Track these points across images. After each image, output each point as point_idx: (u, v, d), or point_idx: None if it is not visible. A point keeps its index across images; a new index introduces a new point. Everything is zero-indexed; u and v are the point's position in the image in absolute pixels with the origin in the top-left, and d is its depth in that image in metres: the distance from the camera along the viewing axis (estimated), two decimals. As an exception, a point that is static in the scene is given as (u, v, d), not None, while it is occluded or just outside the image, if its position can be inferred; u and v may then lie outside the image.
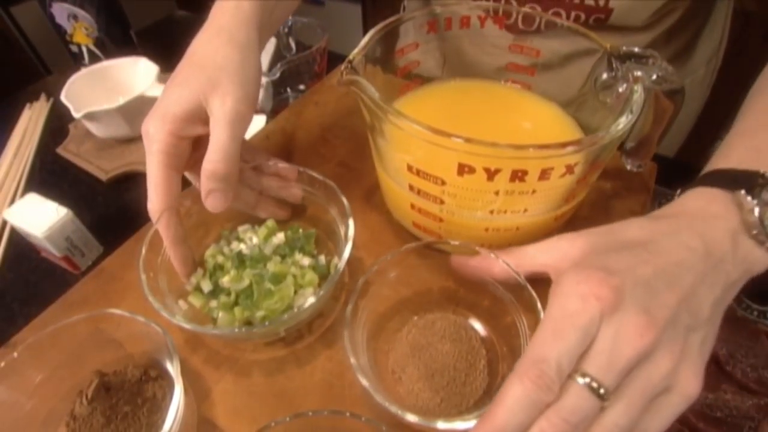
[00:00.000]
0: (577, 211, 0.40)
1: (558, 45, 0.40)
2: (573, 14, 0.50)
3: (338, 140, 0.49)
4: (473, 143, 0.27)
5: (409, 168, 0.32)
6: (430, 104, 0.42)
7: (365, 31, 0.36)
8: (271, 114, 0.62)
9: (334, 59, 0.34)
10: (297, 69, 0.62)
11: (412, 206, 0.35)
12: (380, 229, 0.41)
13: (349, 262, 0.33)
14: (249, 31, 0.35)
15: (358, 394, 0.32)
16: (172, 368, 0.28)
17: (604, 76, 0.38)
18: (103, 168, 0.58)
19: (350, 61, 0.33)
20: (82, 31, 0.64)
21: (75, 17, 0.63)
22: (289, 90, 0.65)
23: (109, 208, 0.56)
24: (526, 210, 0.32)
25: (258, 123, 0.61)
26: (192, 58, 0.35)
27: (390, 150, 0.33)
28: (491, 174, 0.29)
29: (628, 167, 0.43)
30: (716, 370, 0.36)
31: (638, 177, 0.45)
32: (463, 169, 0.29)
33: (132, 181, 0.58)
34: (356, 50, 0.34)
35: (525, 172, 0.29)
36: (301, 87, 0.65)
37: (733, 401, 0.34)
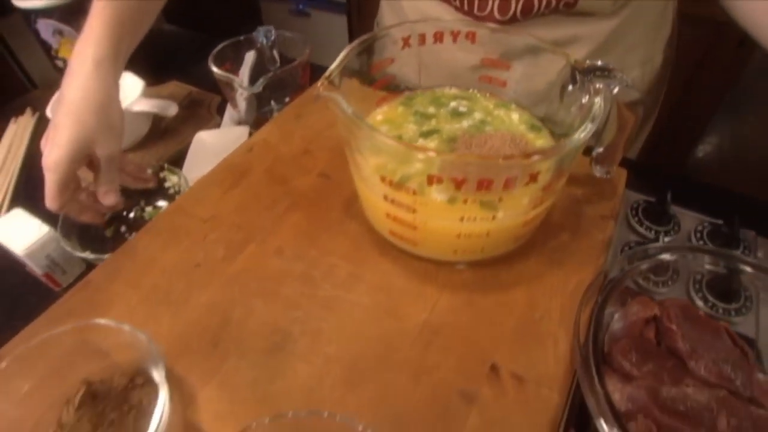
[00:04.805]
0: (549, 216, 0.42)
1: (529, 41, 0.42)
2: (544, 0, 0.52)
3: (320, 151, 0.51)
4: (440, 155, 0.29)
5: (383, 179, 0.34)
6: (404, 116, 0.44)
7: (350, 42, 0.38)
8: (254, 125, 0.64)
9: (319, 71, 0.35)
10: (281, 82, 0.63)
11: (388, 215, 0.37)
12: (360, 238, 0.42)
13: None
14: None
15: (338, 396, 0.33)
16: (158, 375, 0.30)
17: (570, 87, 0.40)
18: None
19: (327, 77, 0.35)
20: (69, 46, 0.65)
21: (61, 33, 0.64)
22: (273, 102, 0.66)
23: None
24: (494, 217, 0.34)
25: (241, 134, 0.62)
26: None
27: (364, 162, 0.35)
28: (458, 183, 0.31)
29: (597, 174, 0.45)
30: (680, 364, 0.38)
31: (609, 183, 0.47)
32: (432, 180, 0.31)
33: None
34: (333, 66, 0.36)
35: (491, 181, 0.31)
36: (286, 99, 0.66)
37: (695, 395, 0.36)
